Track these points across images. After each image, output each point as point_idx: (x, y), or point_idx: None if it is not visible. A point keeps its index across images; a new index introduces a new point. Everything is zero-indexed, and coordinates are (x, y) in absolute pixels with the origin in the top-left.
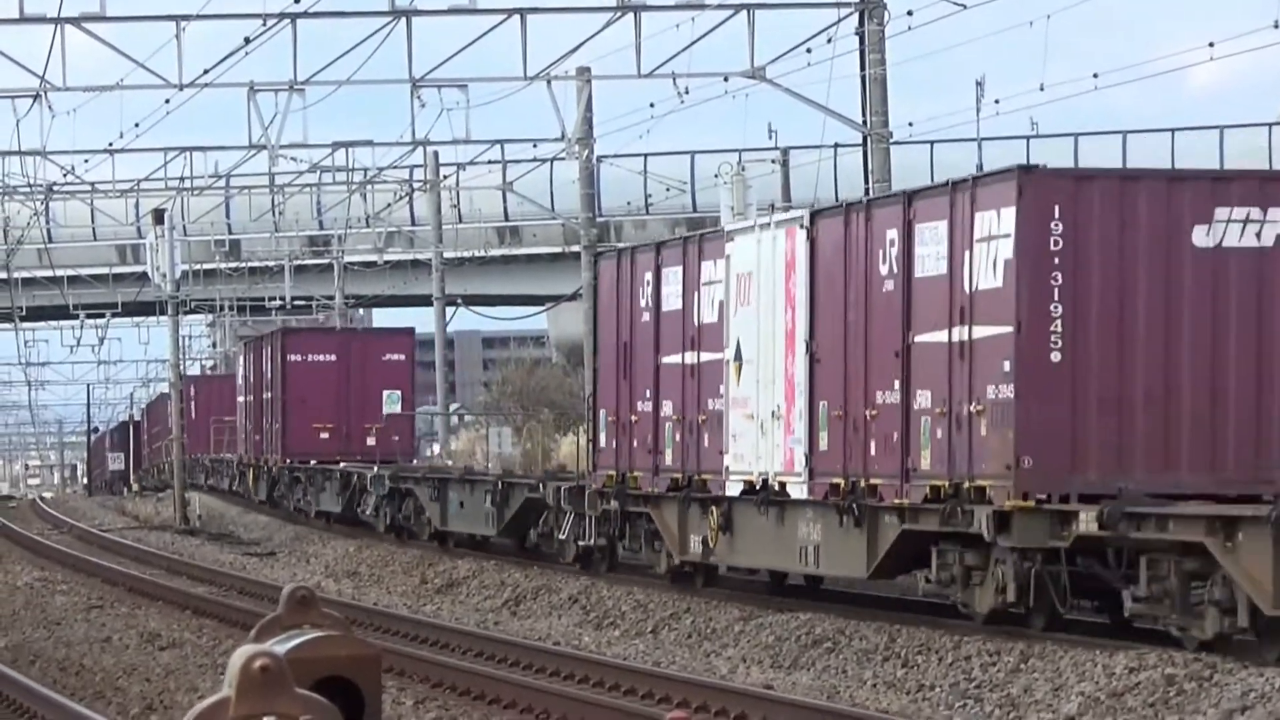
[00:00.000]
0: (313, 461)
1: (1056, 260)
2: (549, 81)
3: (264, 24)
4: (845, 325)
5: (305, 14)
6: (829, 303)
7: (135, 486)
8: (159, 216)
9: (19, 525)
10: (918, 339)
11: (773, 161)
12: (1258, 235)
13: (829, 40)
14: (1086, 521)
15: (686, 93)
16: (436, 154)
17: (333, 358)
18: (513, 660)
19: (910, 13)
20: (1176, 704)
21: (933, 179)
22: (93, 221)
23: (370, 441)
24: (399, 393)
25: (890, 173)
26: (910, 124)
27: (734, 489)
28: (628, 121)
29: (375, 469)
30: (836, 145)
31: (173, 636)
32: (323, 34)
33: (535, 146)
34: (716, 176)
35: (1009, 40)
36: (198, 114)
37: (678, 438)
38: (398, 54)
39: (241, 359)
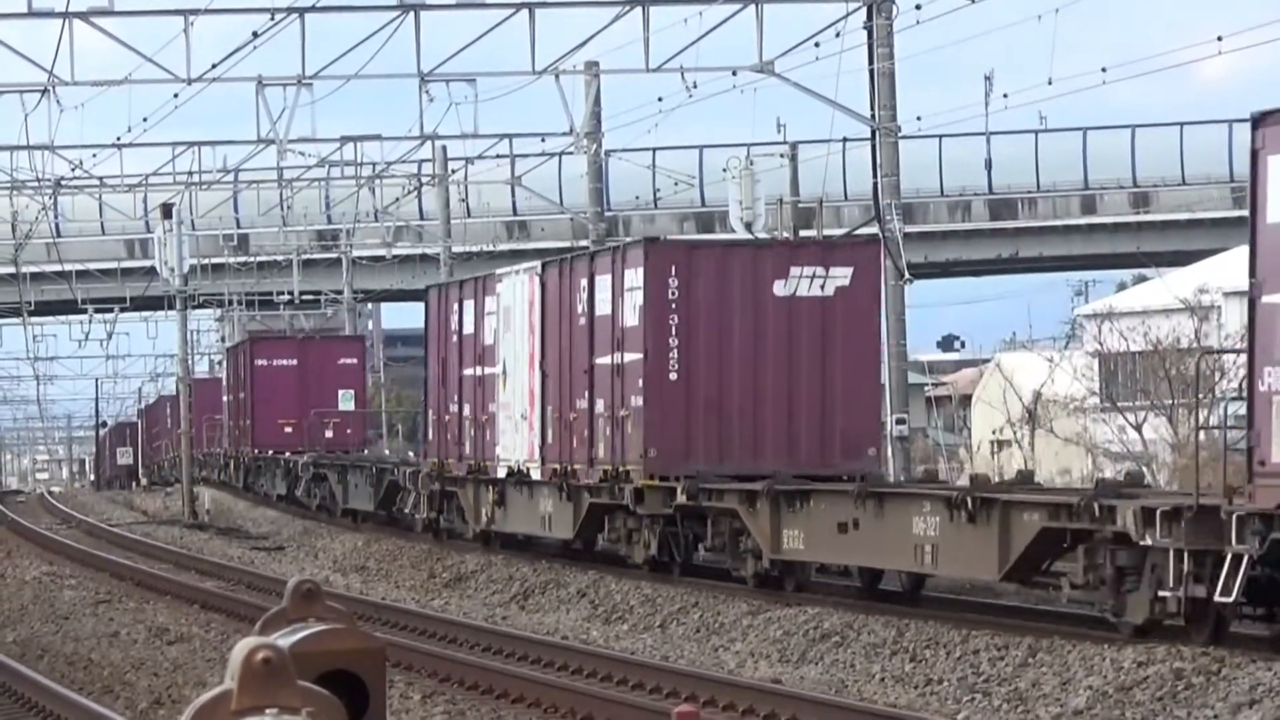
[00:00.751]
0: (270, 452)
1: (674, 306)
2: (557, 76)
3: (272, 18)
4: (560, 350)
5: (313, 8)
6: (552, 332)
7: (143, 481)
8: (167, 211)
9: (28, 520)
10: (597, 361)
11: (781, 156)
12: (822, 287)
13: (837, 34)
14: (680, 495)
15: (695, 87)
16: (445, 148)
17: (294, 362)
18: (521, 654)
19: (919, 6)
20: (1184, 698)
21: (941, 174)
22: (101, 216)
23: (329, 434)
24: (352, 391)
25: (898, 167)
26: (919, 118)
27: (502, 473)
28: (636, 116)
29: (305, 457)
30: (845, 139)
31: (181, 631)
32: (331, 28)
33: (543, 141)
34: (725, 171)
35: (1017, 34)
36: (206, 108)
37: (472, 433)
38: (406, 48)
39: (225, 363)
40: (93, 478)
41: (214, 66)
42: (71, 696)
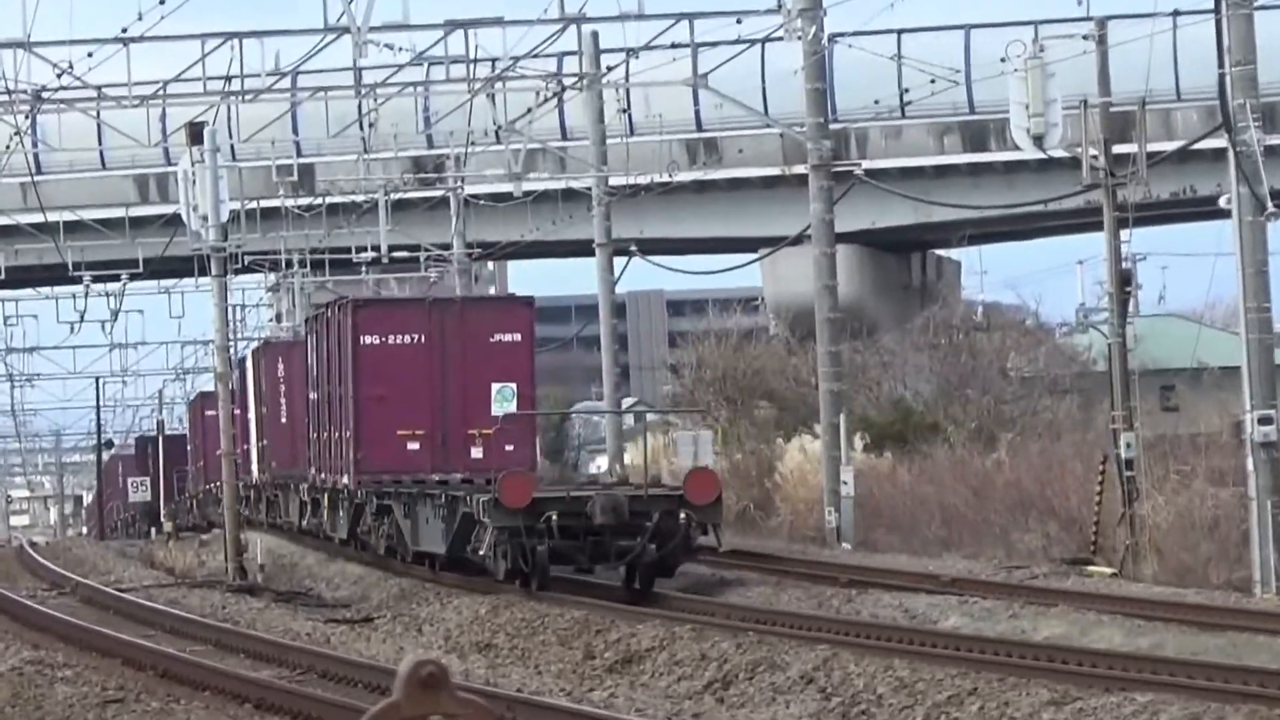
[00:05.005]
0: (215, 484)
1: (281, 380)
2: None
3: None
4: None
5: None
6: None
7: (168, 526)
8: (196, 134)
9: (3, 584)
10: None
11: (1084, 38)
12: None
13: None
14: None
15: None
16: (596, 36)
17: (237, 411)
18: None
19: None
20: None
21: None
22: (100, 143)
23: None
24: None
25: (1254, 50)
26: None
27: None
28: None
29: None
30: (1176, 13)
31: None
32: None
33: (739, 22)
34: (1002, 61)
35: None
36: None
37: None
38: None
39: (188, 414)
40: (91, 524)
41: None
42: None
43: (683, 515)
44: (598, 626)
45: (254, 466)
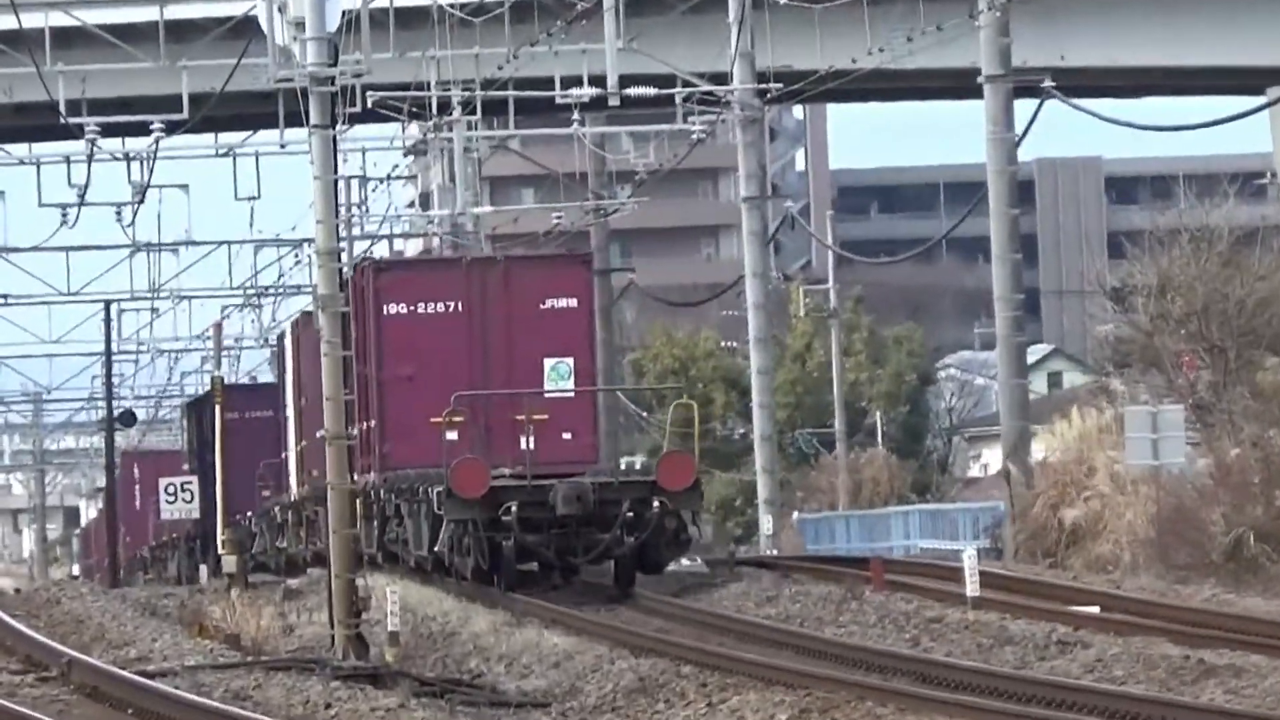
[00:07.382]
0: (243, 515)
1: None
2: None
3: None
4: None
5: None
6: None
7: (230, 564)
8: None
9: None
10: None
11: None
12: None
13: None
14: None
15: None
16: None
17: (270, 412)
18: None
19: None
20: None
21: None
22: None
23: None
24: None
25: None
26: None
27: None
28: None
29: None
30: None
31: None
32: None
33: None
34: None
35: None
36: None
37: None
38: None
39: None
40: (79, 564)
41: None
42: None
43: (656, 504)
44: None
45: (291, 479)
